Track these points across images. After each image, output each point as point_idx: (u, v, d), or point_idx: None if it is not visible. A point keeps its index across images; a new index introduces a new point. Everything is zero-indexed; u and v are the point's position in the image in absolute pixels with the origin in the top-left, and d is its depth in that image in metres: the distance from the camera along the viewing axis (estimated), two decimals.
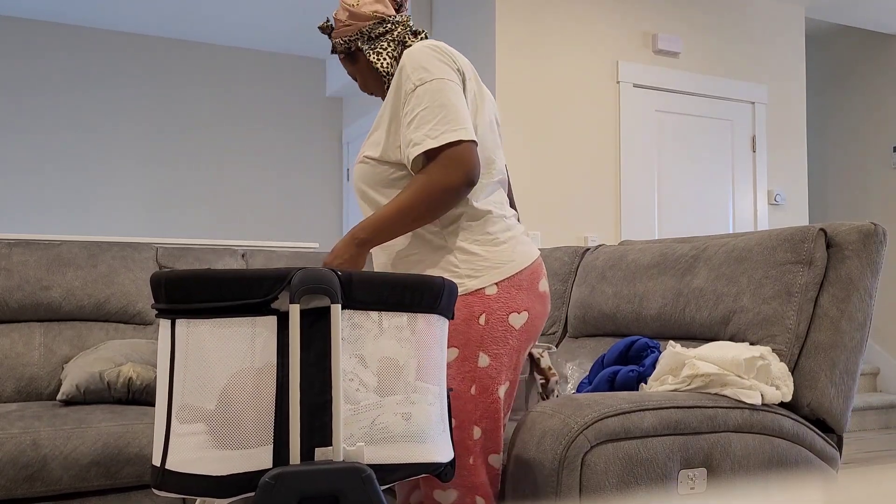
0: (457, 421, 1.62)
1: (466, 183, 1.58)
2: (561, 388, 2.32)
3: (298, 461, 1.22)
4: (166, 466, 1.22)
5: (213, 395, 1.21)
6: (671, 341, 2.06)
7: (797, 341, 2.01)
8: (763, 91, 5.24)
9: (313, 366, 1.24)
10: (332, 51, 1.81)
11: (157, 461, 1.23)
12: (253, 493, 1.21)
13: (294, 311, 1.22)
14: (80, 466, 2.02)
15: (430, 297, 1.34)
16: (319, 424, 1.24)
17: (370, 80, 1.79)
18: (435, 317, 1.36)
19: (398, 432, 1.29)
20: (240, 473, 1.21)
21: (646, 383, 2.04)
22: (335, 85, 6.50)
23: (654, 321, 2.36)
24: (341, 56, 1.81)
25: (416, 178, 1.59)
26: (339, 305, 1.25)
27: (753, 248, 2.14)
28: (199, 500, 1.34)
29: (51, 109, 5.79)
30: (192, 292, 1.22)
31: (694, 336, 2.26)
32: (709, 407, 1.82)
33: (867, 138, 6.02)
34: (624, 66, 4.77)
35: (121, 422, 2.12)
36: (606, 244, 2.92)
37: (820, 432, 1.99)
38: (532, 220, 4.46)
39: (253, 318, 1.23)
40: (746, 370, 1.90)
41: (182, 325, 1.23)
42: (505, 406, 1.67)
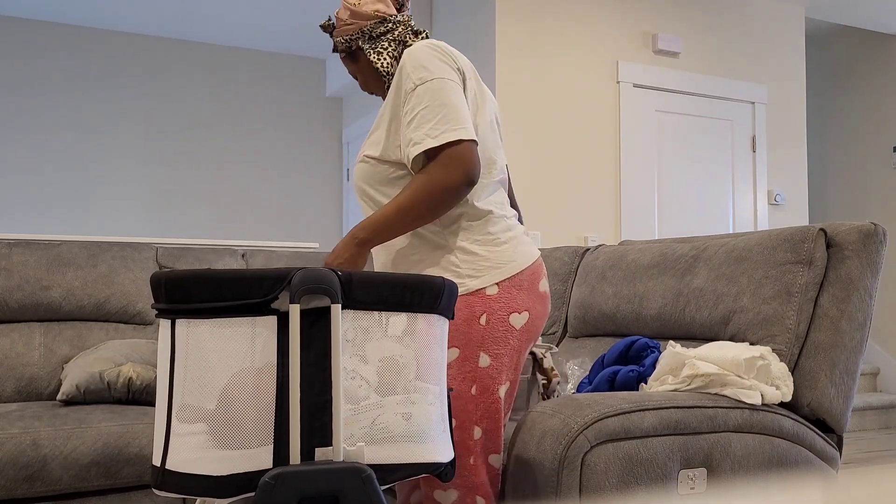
0: (457, 421, 1.62)
1: (466, 182, 1.57)
2: (561, 388, 2.32)
3: (298, 461, 1.22)
4: (166, 466, 1.22)
5: (214, 395, 1.21)
6: (671, 341, 2.06)
7: (797, 341, 2.01)
8: (763, 91, 5.24)
9: (313, 366, 1.24)
10: (333, 49, 1.82)
11: (157, 461, 1.23)
12: (253, 493, 1.21)
13: (294, 311, 1.22)
14: (80, 466, 2.02)
15: (431, 297, 1.34)
16: (319, 424, 1.24)
17: (371, 80, 1.80)
18: (435, 317, 1.36)
19: (398, 432, 1.29)
20: (240, 473, 1.21)
21: (646, 383, 2.04)
22: (335, 85, 6.49)
23: (654, 321, 2.36)
24: (342, 55, 1.81)
25: (416, 178, 1.59)
26: (339, 305, 1.25)
27: (753, 248, 2.14)
28: (199, 500, 1.34)
29: (51, 109, 5.79)
30: (192, 292, 1.22)
31: (694, 336, 2.26)
32: (709, 407, 1.82)
33: (867, 138, 6.02)
34: (624, 66, 4.77)
35: (121, 422, 2.12)
36: (606, 244, 2.92)
37: (820, 432, 1.99)
38: (532, 220, 4.46)
39: (253, 318, 1.23)
40: (746, 370, 1.90)
41: (182, 325, 1.23)
42: (505, 406, 1.67)
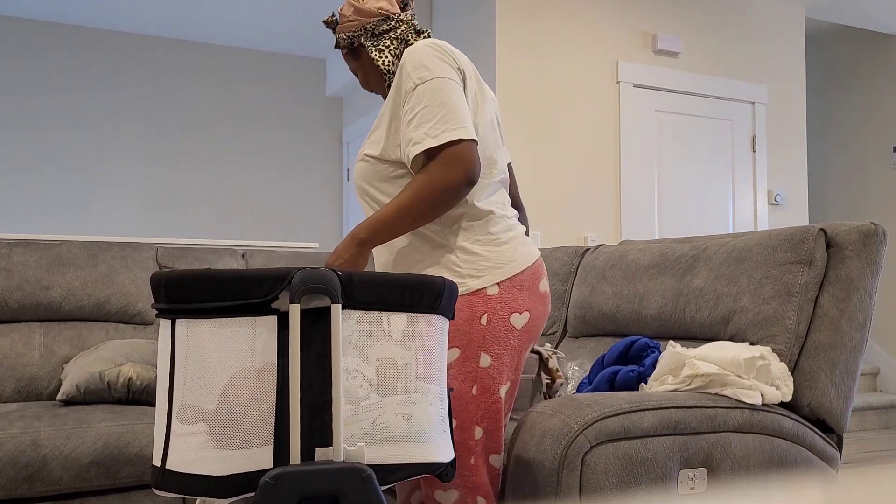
0: (458, 421, 1.62)
1: (466, 182, 1.57)
2: (563, 391, 2.32)
3: (299, 461, 1.22)
4: (167, 466, 1.22)
5: (214, 395, 1.21)
6: (671, 341, 2.06)
7: (797, 341, 2.01)
8: (763, 91, 5.24)
9: (313, 366, 1.24)
10: (335, 45, 1.82)
11: (157, 461, 1.23)
12: (253, 493, 1.21)
13: (294, 311, 1.22)
14: (80, 466, 2.02)
15: (431, 297, 1.34)
16: (320, 424, 1.24)
17: (372, 77, 1.79)
18: (435, 317, 1.36)
19: (399, 432, 1.29)
20: (240, 473, 1.21)
21: (646, 383, 2.04)
22: (335, 85, 6.49)
23: (654, 321, 2.36)
24: (344, 51, 1.81)
25: (416, 178, 1.58)
26: (340, 305, 1.25)
27: (753, 248, 2.14)
28: (199, 500, 1.34)
29: (51, 109, 5.79)
30: (192, 292, 1.22)
31: (694, 336, 2.26)
32: (709, 407, 1.82)
33: (867, 138, 6.02)
34: (624, 66, 4.77)
35: (121, 422, 2.12)
36: (606, 244, 2.92)
37: (820, 432, 1.99)
38: (532, 220, 4.46)
39: (253, 318, 1.23)
40: (746, 370, 1.90)
41: (182, 325, 1.23)
42: (506, 406, 1.67)
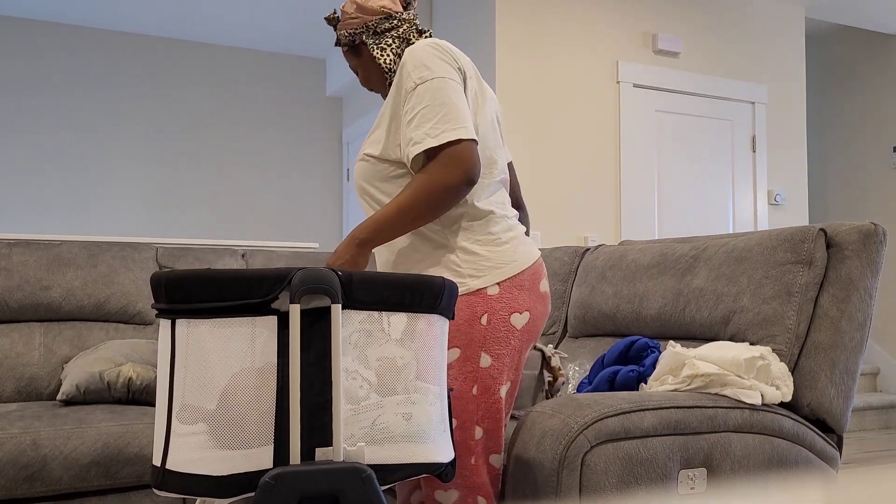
0: (458, 421, 1.62)
1: (466, 182, 1.57)
2: (564, 390, 2.33)
3: (299, 461, 1.22)
4: (167, 466, 1.22)
5: (214, 395, 1.21)
6: (671, 341, 2.06)
7: (797, 341, 2.01)
8: (763, 91, 5.24)
9: (313, 366, 1.24)
10: (335, 42, 1.81)
11: (157, 461, 1.23)
12: (253, 493, 1.21)
13: (294, 311, 1.22)
14: (80, 466, 2.02)
15: (431, 297, 1.34)
16: (320, 424, 1.24)
17: (372, 76, 1.79)
18: (435, 317, 1.36)
19: (399, 432, 1.29)
20: (240, 473, 1.21)
21: (646, 383, 2.04)
22: (335, 85, 6.49)
23: (654, 321, 2.36)
24: (345, 49, 1.80)
25: (416, 178, 1.58)
26: (340, 305, 1.25)
27: (753, 248, 2.14)
28: (199, 500, 1.34)
29: (51, 109, 5.79)
30: (192, 292, 1.22)
31: (694, 336, 2.26)
32: (709, 407, 1.82)
33: (867, 138, 6.02)
34: (624, 66, 4.77)
35: (121, 422, 2.12)
36: (606, 244, 2.92)
37: (820, 432, 1.99)
38: (532, 220, 4.46)
39: (253, 318, 1.23)
40: (746, 370, 1.90)
41: (182, 325, 1.23)
42: (506, 406, 1.67)
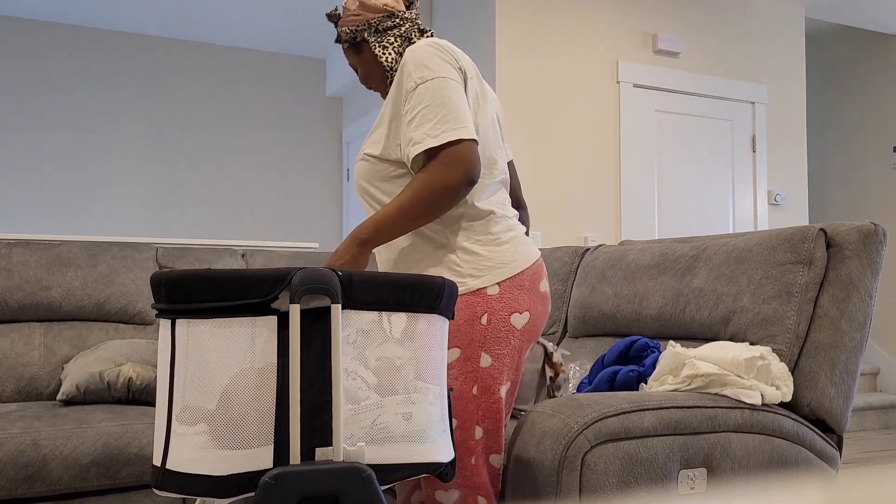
0: (459, 421, 1.62)
1: (466, 182, 1.57)
2: (564, 387, 2.33)
3: (299, 461, 1.22)
4: (167, 466, 1.22)
5: (214, 395, 1.21)
6: (671, 341, 2.06)
7: (797, 341, 2.01)
8: (763, 91, 5.24)
9: (313, 366, 1.24)
10: (336, 39, 1.80)
11: (157, 461, 1.23)
12: (253, 493, 1.21)
13: (294, 311, 1.22)
14: (80, 466, 2.02)
15: (431, 297, 1.34)
16: (320, 424, 1.24)
17: (373, 74, 1.78)
18: (435, 317, 1.36)
19: (399, 432, 1.29)
20: (240, 473, 1.21)
21: (646, 383, 2.04)
22: (335, 85, 6.49)
23: (654, 321, 2.36)
24: (345, 46, 1.79)
25: (416, 178, 1.58)
26: (339, 305, 1.25)
27: (753, 248, 2.14)
28: (199, 500, 1.34)
29: (51, 109, 5.79)
30: (192, 292, 1.22)
31: (694, 336, 2.26)
32: (709, 407, 1.82)
33: (867, 138, 6.02)
34: (624, 66, 4.77)
35: (121, 422, 2.12)
36: (606, 244, 2.92)
37: (820, 432, 1.99)
38: (532, 220, 4.46)
39: (253, 318, 1.23)
40: (746, 370, 1.90)
41: (182, 325, 1.23)
42: (506, 406, 1.67)
